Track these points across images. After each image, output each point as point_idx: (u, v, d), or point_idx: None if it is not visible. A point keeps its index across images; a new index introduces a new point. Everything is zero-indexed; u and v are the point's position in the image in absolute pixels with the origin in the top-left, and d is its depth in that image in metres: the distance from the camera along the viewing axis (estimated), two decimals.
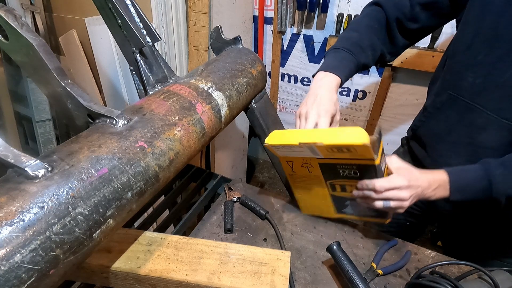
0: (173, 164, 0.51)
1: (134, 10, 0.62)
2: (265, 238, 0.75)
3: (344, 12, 1.53)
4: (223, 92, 0.64)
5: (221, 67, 0.70)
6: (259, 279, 0.54)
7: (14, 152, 0.36)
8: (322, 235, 0.76)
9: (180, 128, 0.52)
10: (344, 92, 1.80)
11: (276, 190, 2.36)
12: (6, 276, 0.30)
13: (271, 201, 0.86)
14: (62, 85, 0.48)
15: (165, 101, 0.54)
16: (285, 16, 1.65)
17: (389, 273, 0.67)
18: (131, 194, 0.43)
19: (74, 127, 0.54)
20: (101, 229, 0.39)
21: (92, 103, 0.49)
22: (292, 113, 2.05)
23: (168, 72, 0.70)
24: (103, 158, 0.41)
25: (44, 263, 0.33)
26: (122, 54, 0.68)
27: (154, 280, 0.55)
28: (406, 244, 0.74)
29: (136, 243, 0.60)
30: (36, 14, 1.45)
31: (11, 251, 0.30)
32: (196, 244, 0.60)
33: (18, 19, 0.45)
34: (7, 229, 0.30)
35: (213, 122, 0.61)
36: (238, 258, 0.58)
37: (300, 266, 0.68)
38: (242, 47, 0.81)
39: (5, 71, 1.51)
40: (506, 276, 0.60)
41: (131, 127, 0.47)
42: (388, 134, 1.83)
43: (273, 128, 0.87)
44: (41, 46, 0.46)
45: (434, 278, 0.59)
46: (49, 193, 0.34)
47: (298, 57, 1.79)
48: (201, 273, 0.55)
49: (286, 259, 0.58)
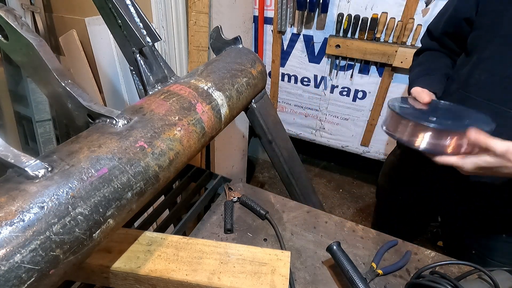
0: (173, 164, 0.51)
1: (134, 10, 0.62)
2: (265, 238, 0.75)
3: (344, 12, 1.53)
4: (223, 92, 0.64)
5: (221, 67, 0.70)
6: (259, 279, 0.54)
7: (14, 152, 0.36)
8: (322, 235, 0.76)
9: (180, 128, 0.52)
10: (344, 92, 1.80)
11: (276, 190, 2.36)
12: (6, 276, 0.29)
13: (271, 201, 0.86)
14: (62, 85, 0.48)
15: (165, 101, 0.54)
16: (285, 16, 1.65)
17: (389, 273, 0.67)
18: (131, 194, 0.43)
19: (74, 127, 0.54)
20: (101, 229, 0.39)
21: (92, 103, 0.49)
22: (292, 113, 2.05)
23: (168, 72, 0.70)
24: (103, 158, 0.41)
25: (44, 263, 0.33)
26: (122, 54, 0.68)
27: (154, 280, 0.55)
28: (406, 244, 0.74)
29: (136, 243, 0.60)
30: (36, 14, 1.45)
31: (11, 251, 0.30)
32: (196, 244, 0.60)
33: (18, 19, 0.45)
34: (7, 229, 0.30)
35: (213, 122, 0.61)
36: (238, 258, 0.58)
37: (300, 266, 0.68)
38: (242, 47, 0.81)
39: (5, 71, 1.51)
40: (506, 276, 0.60)
41: (131, 127, 0.47)
42: None
43: (273, 128, 0.87)
44: (41, 46, 0.46)
45: (434, 278, 0.59)
46: (49, 193, 0.34)
47: (298, 57, 1.79)
48: (201, 273, 0.55)
49: (286, 259, 0.58)
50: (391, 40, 1.50)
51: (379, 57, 1.53)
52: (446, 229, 0.96)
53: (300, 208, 0.84)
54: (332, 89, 1.82)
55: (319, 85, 1.85)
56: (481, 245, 0.81)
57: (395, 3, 1.43)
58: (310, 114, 2.00)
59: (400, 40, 1.47)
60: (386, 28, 1.48)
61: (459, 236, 0.88)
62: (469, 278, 0.63)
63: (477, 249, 0.82)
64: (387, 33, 1.49)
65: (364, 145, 1.95)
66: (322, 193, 2.32)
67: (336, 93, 1.83)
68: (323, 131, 2.03)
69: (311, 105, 1.96)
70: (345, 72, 1.72)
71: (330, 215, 0.82)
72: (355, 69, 1.68)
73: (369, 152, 1.96)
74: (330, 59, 1.70)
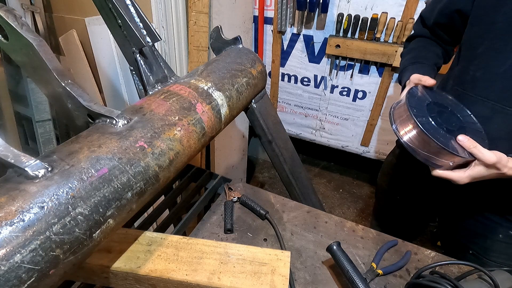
0: (173, 164, 0.51)
1: (134, 10, 0.62)
2: (265, 238, 0.75)
3: (344, 12, 1.53)
4: (223, 92, 0.64)
5: (221, 67, 0.70)
6: (259, 279, 0.54)
7: (14, 152, 0.36)
8: (322, 235, 0.76)
9: (180, 128, 0.52)
10: (344, 92, 1.80)
11: (276, 190, 2.36)
12: (6, 276, 0.29)
13: (271, 201, 0.86)
14: (62, 85, 0.48)
15: (165, 101, 0.54)
16: (285, 16, 1.65)
17: (389, 273, 0.67)
18: (131, 194, 0.43)
19: (74, 127, 0.54)
20: (101, 229, 0.39)
21: (92, 103, 0.49)
22: (292, 113, 2.05)
23: (168, 72, 0.70)
24: (103, 158, 0.41)
25: (44, 263, 0.33)
26: (122, 54, 0.68)
27: (154, 280, 0.55)
28: (406, 244, 0.74)
29: (136, 243, 0.60)
30: (36, 14, 1.45)
31: (11, 251, 0.30)
32: (196, 244, 0.60)
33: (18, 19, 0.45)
34: (7, 229, 0.30)
35: (213, 122, 0.61)
36: (238, 258, 0.58)
37: (300, 266, 0.68)
38: (242, 47, 0.81)
39: (5, 71, 1.51)
40: (506, 276, 0.60)
41: (131, 127, 0.47)
42: (388, 134, 1.83)
43: (273, 128, 0.87)
44: (41, 46, 0.46)
45: (434, 278, 0.59)
46: (49, 193, 0.34)
47: (298, 57, 1.79)
48: (201, 273, 0.55)
49: (286, 259, 0.58)
50: (391, 40, 1.50)
51: (379, 57, 1.53)
52: (443, 229, 0.96)
53: (300, 208, 0.84)
54: (332, 89, 1.82)
55: (319, 85, 1.85)
56: (478, 246, 0.81)
57: (395, 3, 1.43)
58: (310, 114, 2.00)
59: (400, 40, 1.47)
60: (386, 28, 1.48)
61: (456, 236, 0.88)
62: (469, 278, 0.63)
63: (474, 249, 0.82)
64: (387, 33, 1.49)
65: (364, 145, 1.95)
66: (322, 193, 2.32)
67: (336, 93, 1.83)
68: (323, 131, 2.03)
69: (311, 105, 1.96)
70: (345, 72, 1.72)
71: (330, 215, 0.82)
72: (355, 69, 1.68)
73: (369, 152, 1.96)
74: (330, 59, 1.70)
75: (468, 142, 0.58)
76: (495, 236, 0.78)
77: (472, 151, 0.57)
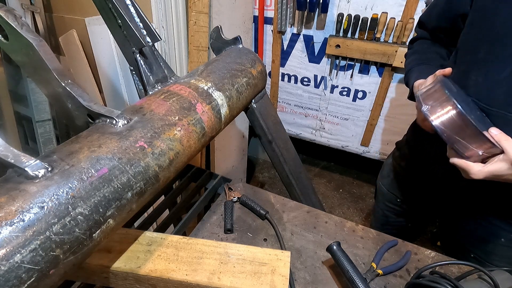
0: (173, 164, 0.51)
1: (134, 10, 0.62)
2: (265, 238, 0.75)
3: (344, 12, 1.53)
4: (223, 92, 0.64)
5: (221, 67, 0.70)
6: (259, 279, 0.54)
7: (14, 152, 0.36)
8: (322, 235, 0.76)
9: (180, 128, 0.52)
10: (344, 92, 1.80)
11: (276, 190, 2.36)
12: (6, 276, 0.29)
13: (271, 201, 0.86)
14: (62, 85, 0.48)
15: (165, 101, 0.54)
16: (285, 16, 1.65)
17: (389, 273, 0.67)
18: (131, 194, 0.43)
19: (74, 127, 0.54)
20: (101, 229, 0.39)
21: (92, 103, 0.49)
22: (292, 113, 2.05)
23: (168, 72, 0.70)
24: (103, 158, 0.41)
25: (44, 263, 0.33)
26: (122, 54, 0.68)
27: (154, 280, 0.55)
28: (406, 244, 0.74)
29: (136, 243, 0.60)
30: (36, 14, 1.45)
31: (11, 251, 0.30)
32: (196, 244, 0.60)
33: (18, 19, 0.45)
34: (7, 229, 0.30)
35: (213, 122, 0.61)
36: (238, 258, 0.58)
37: (300, 266, 0.68)
38: (242, 47, 0.81)
39: (5, 71, 1.51)
40: (506, 276, 0.60)
41: (131, 127, 0.47)
42: (388, 134, 1.83)
43: (273, 128, 0.87)
44: (41, 46, 0.46)
45: (434, 278, 0.59)
46: (49, 193, 0.34)
47: (298, 57, 1.79)
48: (201, 273, 0.55)
49: (286, 259, 0.58)
50: (391, 40, 1.50)
51: (379, 57, 1.53)
52: (444, 232, 0.96)
53: (300, 208, 0.84)
54: (332, 89, 1.82)
55: (319, 85, 1.85)
56: (480, 249, 0.81)
57: (395, 3, 1.43)
58: (310, 114, 2.00)
59: (400, 40, 1.48)
60: (386, 28, 1.48)
61: (457, 239, 0.88)
62: (469, 278, 0.63)
63: (475, 253, 0.82)
64: (387, 33, 1.49)
65: (364, 145, 1.95)
66: (322, 193, 2.32)
67: (336, 93, 1.83)
68: (323, 131, 2.03)
69: (311, 105, 1.96)
70: (345, 72, 1.72)
71: (330, 215, 0.82)
72: (355, 69, 1.68)
73: (369, 152, 1.96)
74: (330, 59, 1.70)
75: (500, 134, 0.56)
76: (497, 239, 0.77)
77: (503, 144, 0.55)
